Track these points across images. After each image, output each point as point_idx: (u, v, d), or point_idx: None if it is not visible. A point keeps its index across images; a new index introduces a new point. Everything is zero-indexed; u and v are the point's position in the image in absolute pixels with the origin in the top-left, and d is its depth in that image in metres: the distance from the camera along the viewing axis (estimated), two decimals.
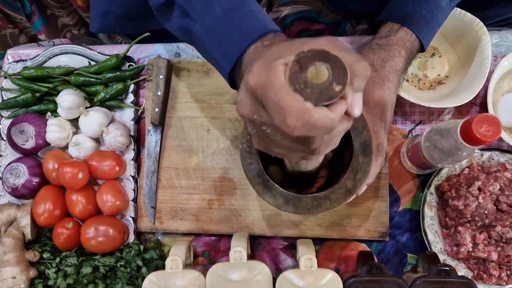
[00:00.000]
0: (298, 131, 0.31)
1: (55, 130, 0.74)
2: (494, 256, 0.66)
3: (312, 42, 0.32)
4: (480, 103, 0.76)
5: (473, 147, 0.56)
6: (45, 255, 0.72)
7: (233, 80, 0.54)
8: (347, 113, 0.33)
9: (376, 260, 0.71)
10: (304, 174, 0.56)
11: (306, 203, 0.52)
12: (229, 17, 0.52)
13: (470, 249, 0.67)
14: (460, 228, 0.68)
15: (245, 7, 0.53)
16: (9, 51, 0.84)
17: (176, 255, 0.64)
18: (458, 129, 0.56)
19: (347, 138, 0.54)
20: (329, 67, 0.30)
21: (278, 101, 0.31)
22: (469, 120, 0.54)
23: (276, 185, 0.53)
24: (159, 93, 0.76)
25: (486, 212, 0.66)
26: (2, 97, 0.80)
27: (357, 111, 0.33)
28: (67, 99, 0.73)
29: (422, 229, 0.71)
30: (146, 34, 0.77)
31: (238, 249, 0.63)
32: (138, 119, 0.79)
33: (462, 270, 0.70)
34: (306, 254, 0.62)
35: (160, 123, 0.77)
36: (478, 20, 0.72)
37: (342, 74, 0.30)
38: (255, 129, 0.37)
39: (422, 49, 0.66)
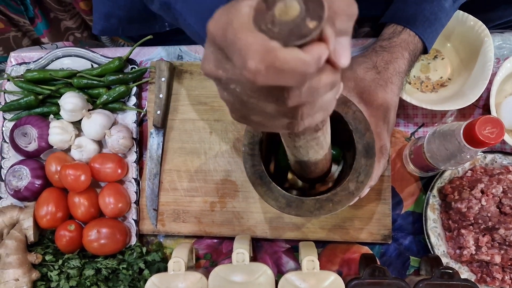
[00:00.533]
0: (263, 76, 0.26)
1: (58, 133, 0.74)
2: (498, 259, 0.66)
3: None
4: (483, 105, 0.76)
5: (476, 149, 0.56)
6: (47, 257, 0.72)
7: None
8: (331, 63, 0.28)
9: (378, 263, 0.71)
10: (312, 169, 0.53)
11: (308, 205, 0.52)
12: None
13: (473, 252, 0.67)
14: (463, 231, 0.67)
15: None
16: (12, 54, 0.85)
17: (179, 257, 0.64)
18: (461, 131, 0.56)
19: (350, 140, 0.54)
20: (301, 1, 0.25)
21: (236, 42, 0.26)
22: (473, 122, 0.54)
23: (278, 187, 0.53)
24: (161, 96, 0.76)
25: (489, 214, 0.65)
26: (5, 100, 0.80)
27: (343, 59, 0.27)
28: (69, 101, 0.73)
29: (425, 231, 0.70)
30: (148, 37, 0.77)
31: (241, 251, 0.63)
32: (141, 122, 0.80)
33: (465, 273, 0.70)
34: (308, 256, 0.61)
35: (162, 126, 0.77)
36: (480, 22, 0.72)
37: (317, 7, 0.25)
38: (226, 92, 0.32)
39: (425, 51, 0.66)
